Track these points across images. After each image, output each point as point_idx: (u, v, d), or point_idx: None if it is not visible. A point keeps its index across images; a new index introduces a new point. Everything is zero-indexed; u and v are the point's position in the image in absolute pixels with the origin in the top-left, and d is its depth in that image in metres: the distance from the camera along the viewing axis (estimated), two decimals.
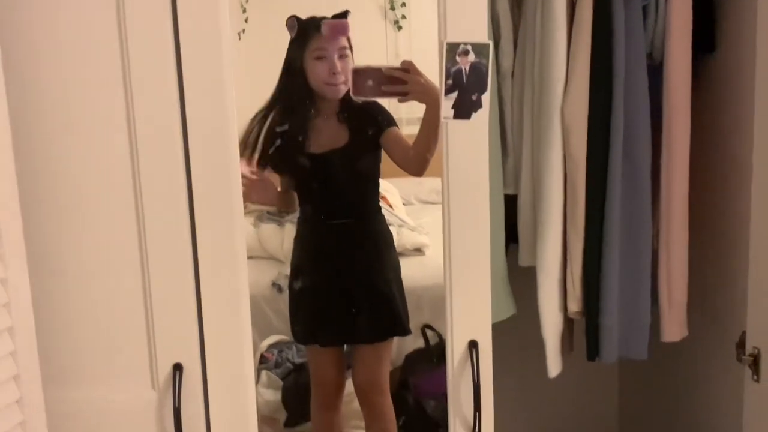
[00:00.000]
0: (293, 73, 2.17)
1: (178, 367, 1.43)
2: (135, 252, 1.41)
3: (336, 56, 2.12)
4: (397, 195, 4.13)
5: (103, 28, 1.35)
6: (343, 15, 2.13)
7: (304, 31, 2.14)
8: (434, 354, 2.94)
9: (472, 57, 1.42)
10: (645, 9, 1.70)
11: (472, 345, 1.48)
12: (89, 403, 1.45)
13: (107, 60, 1.36)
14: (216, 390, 1.46)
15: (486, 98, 1.43)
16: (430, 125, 1.94)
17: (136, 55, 1.35)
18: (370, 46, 4.60)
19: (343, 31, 2.11)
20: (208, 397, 1.46)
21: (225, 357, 1.45)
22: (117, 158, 1.39)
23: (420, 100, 1.81)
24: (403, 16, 4.74)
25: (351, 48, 2.17)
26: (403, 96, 1.77)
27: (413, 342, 2.78)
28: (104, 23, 1.35)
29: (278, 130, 2.22)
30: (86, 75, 1.37)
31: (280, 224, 3.49)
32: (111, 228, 1.41)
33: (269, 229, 3.53)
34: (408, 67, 1.76)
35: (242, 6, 4.30)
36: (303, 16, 2.19)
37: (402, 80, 1.75)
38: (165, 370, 1.44)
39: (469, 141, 1.44)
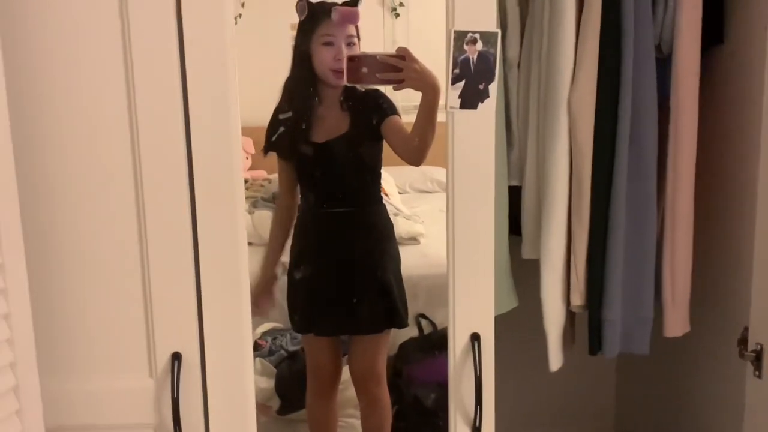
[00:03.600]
0: (299, 58, 2.15)
1: (176, 356, 1.41)
2: (135, 240, 1.39)
3: (343, 43, 2.09)
4: (392, 183, 4.13)
5: (104, 11, 1.33)
6: (354, 2, 2.11)
7: (314, 16, 2.11)
8: (429, 343, 2.94)
9: (479, 46, 1.39)
10: (654, 0, 1.68)
11: (474, 338, 1.46)
12: (86, 391, 1.44)
13: (109, 44, 1.34)
14: (214, 379, 1.44)
15: (493, 88, 1.41)
16: (427, 113, 1.91)
17: (138, 40, 1.33)
18: (368, 33, 4.56)
19: (354, 19, 2.09)
20: (206, 386, 1.44)
21: (224, 347, 1.43)
22: (117, 145, 1.36)
23: (416, 88, 1.78)
24: (401, 4, 4.72)
25: (359, 37, 2.15)
26: (399, 83, 1.74)
27: (407, 331, 2.76)
28: (106, 7, 1.33)
29: (281, 117, 2.20)
30: (87, 61, 1.34)
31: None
32: (111, 215, 1.39)
33: (264, 215, 3.51)
34: (403, 54, 1.73)
35: None
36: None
37: (397, 67, 1.73)
38: (163, 359, 1.42)
39: (475, 131, 1.42)
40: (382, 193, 2.38)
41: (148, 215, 1.38)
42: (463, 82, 1.41)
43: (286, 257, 2.49)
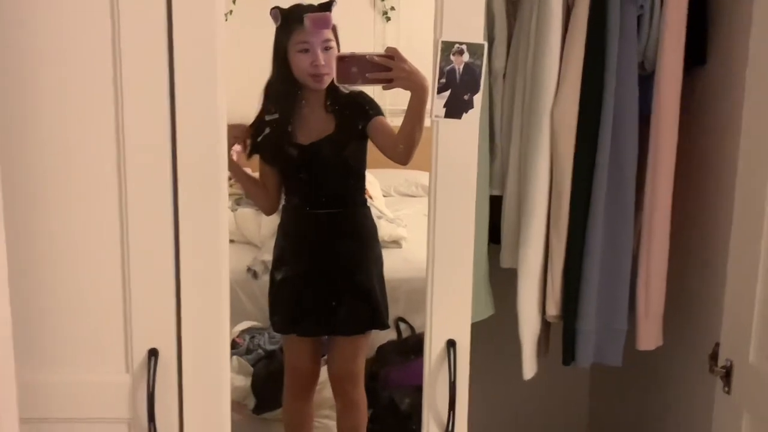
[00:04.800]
0: (279, 63, 2.16)
1: (153, 353, 1.42)
2: (116, 235, 1.40)
3: (320, 49, 2.10)
4: (377, 186, 4.15)
5: (95, 7, 1.33)
6: (328, 6, 2.11)
7: (288, 23, 2.12)
8: (407, 347, 2.96)
9: (466, 57, 1.41)
10: (639, 19, 1.71)
11: (450, 344, 1.48)
12: (62, 385, 1.44)
13: (98, 39, 1.34)
14: (190, 377, 1.45)
15: (478, 99, 1.43)
16: (415, 112, 1.93)
17: (128, 37, 1.33)
18: (358, 36, 4.59)
19: (325, 24, 2.08)
20: (182, 383, 1.45)
21: (201, 344, 1.44)
22: (101, 140, 1.37)
23: (405, 87, 1.81)
24: (392, 8, 4.74)
25: (337, 39, 2.15)
26: (388, 83, 1.76)
27: (386, 334, 2.79)
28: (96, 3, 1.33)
29: (267, 118, 2.21)
30: (75, 57, 1.34)
31: (258, 209, 3.48)
32: (92, 210, 1.39)
33: (247, 213, 3.52)
34: (392, 54, 1.75)
35: None
36: None
37: (387, 67, 1.74)
38: (140, 355, 1.43)
39: (458, 140, 1.44)
40: (366, 196, 2.40)
41: (130, 211, 1.38)
42: (448, 92, 1.42)
43: (268, 256, 2.49)
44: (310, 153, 2.19)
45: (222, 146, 1.40)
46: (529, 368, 1.82)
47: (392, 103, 2.86)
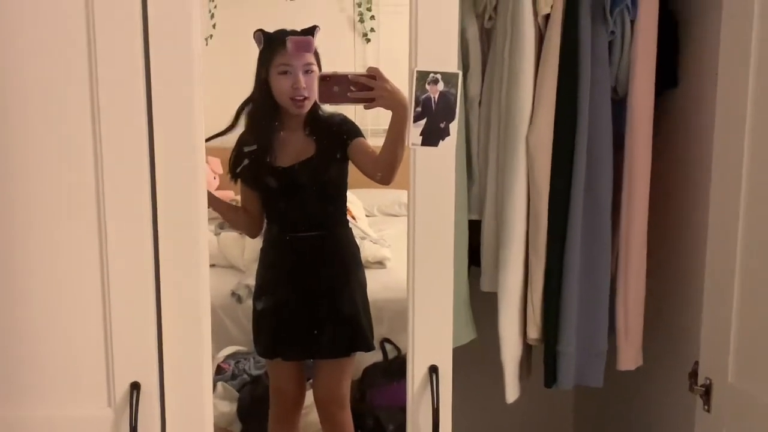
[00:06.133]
0: (260, 87, 2.18)
1: (135, 386, 1.41)
2: (95, 267, 1.40)
3: (301, 72, 2.12)
4: (360, 207, 4.14)
5: (70, 23, 1.34)
6: (311, 31, 2.13)
7: (270, 46, 2.15)
8: (393, 369, 2.95)
9: (441, 86, 1.43)
10: (611, 44, 1.73)
11: (433, 370, 1.49)
12: (44, 420, 1.43)
13: (74, 59, 1.34)
14: (173, 410, 1.45)
15: (454, 126, 1.44)
16: (397, 131, 1.95)
17: (104, 56, 1.34)
18: (339, 57, 4.60)
19: (308, 48, 2.11)
20: (165, 416, 1.44)
21: (184, 377, 1.44)
22: (80, 168, 1.37)
23: (386, 107, 1.82)
24: (372, 30, 4.76)
25: (319, 64, 2.17)
26: (370, 102, 1.78)
27: (372, 355, 2.78)
28: (72, 17, 1.34)
29: (246, 149, 2.21)
30: (51, 74, 1.35)
31: (242, 233, 3.46)
32: (71, 242, 1.39)
33: (230, 237, 3.50)
34: (374, 74, 1.78)
35: (210, 11, 4.28)
36: (270, 23, 2.19)
37: (368, 87, 1.76)
38: (122, 389, 1.42)
39: (436, 168, 1.46)
40: (348, 217, 2.40)
41: (109, 241, 1.38)
42: (424, 120, 1.44)
43: (252, 280, 2.49)
44: (290, 176, 2.20)
45: (201, 171, 1.40)
46: (512, 391, 1.83)
47: (374, 123, 2.87)
